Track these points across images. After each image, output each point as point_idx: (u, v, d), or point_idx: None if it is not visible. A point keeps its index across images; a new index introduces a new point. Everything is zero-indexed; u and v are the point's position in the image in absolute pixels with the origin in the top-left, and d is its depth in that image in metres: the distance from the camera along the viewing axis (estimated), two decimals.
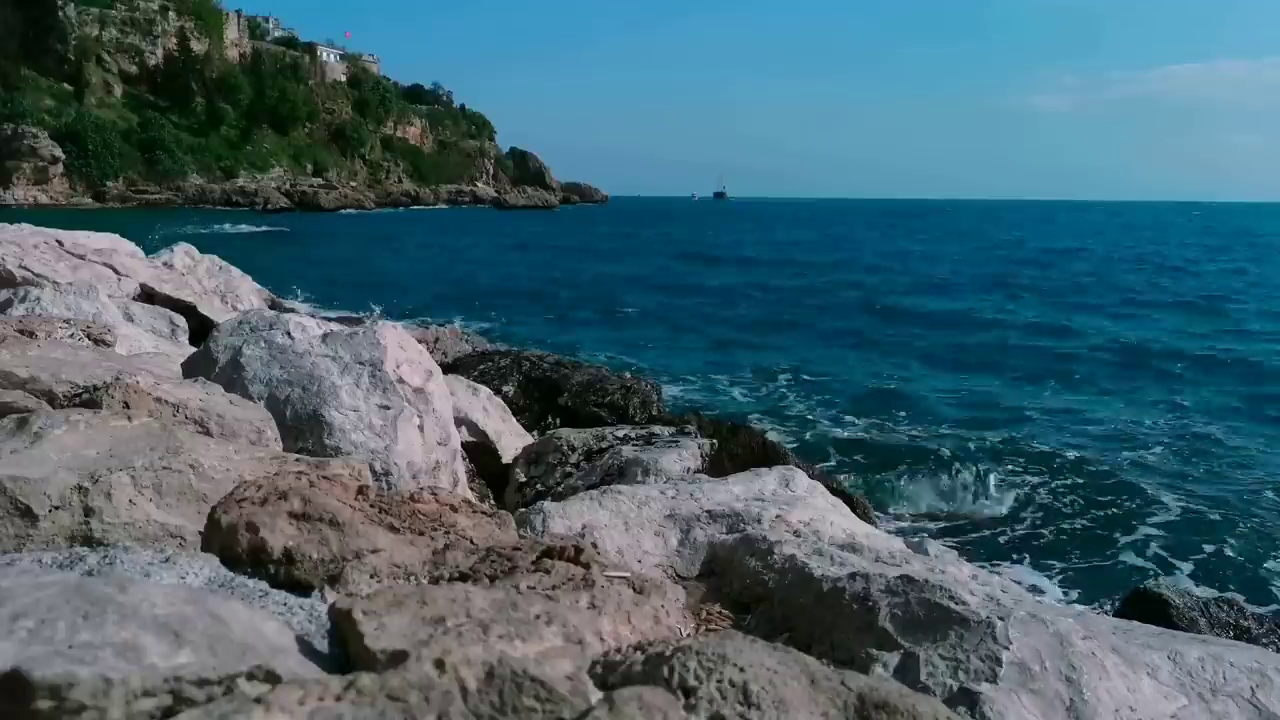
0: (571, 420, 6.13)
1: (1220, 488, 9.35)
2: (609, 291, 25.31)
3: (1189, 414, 12.56)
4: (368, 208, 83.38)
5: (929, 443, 10.65)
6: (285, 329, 3.34)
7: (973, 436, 10.95)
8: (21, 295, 4.56)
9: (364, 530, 1.57)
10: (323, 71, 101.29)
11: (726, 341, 17.91)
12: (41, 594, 0.95)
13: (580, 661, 1.11)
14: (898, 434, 11.12)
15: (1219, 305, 24.94)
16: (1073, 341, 18.59)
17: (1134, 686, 1.93)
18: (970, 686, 1.87)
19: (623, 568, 1.99)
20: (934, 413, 12.24)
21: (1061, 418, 12.17)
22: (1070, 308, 24.01)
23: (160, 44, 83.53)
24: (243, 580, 1.40)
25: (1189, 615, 4.23)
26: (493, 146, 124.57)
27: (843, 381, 14.26)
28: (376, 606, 1.10)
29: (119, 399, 2.25)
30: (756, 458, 4.71)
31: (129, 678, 0.84)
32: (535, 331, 17.81)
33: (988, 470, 9.59)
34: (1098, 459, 10.18)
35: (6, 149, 66.62)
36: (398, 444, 3.10)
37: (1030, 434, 11.17)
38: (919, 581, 2.10)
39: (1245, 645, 2.50)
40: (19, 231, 6.27)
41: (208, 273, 8.16)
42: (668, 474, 4.04)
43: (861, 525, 3.16)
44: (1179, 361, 16.43)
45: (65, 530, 1.64)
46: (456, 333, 10.77)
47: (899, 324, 21.01)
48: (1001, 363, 16.27)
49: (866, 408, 12.43)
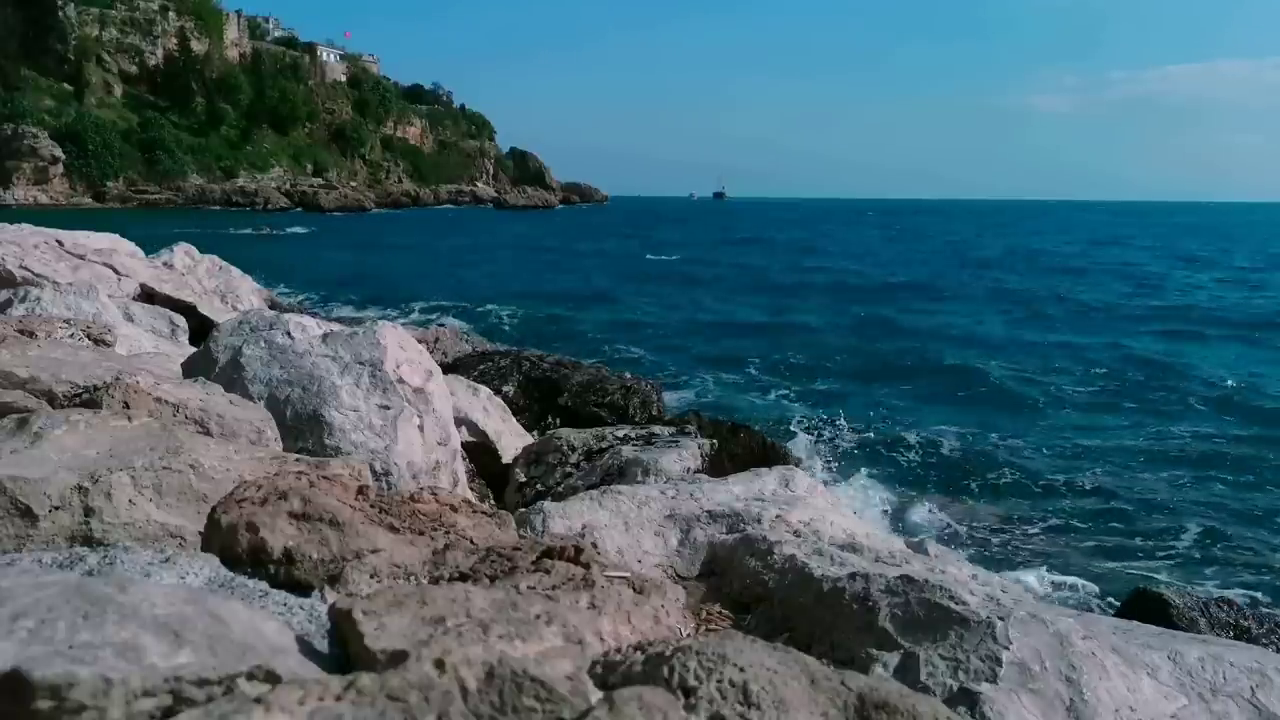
0: (571, 420, 6.14)
1: (1221, 488, 9.36)
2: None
3: (1189, 412, 12.58)
4: (368, 208, 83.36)
5: (929, 443, 10.65)
6: (285, 329, 3.34)
7: (972, 437, 10.96)
8: (21, 295, 4.56)
9: (364, 530, 1.57)
10: (323, 71, 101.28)
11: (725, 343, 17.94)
12: (41, 594, 0.95)
13: (580, 661, 1.11)
14: (897, 434, 11.12)
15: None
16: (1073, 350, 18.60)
17: (1134, 686, 1.93)
18: (970, 686, 1.87)
19: (623, 568, 1.99)
20: (933, 413, 12.24)
21: (1061, 417, 12.18)
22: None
23: (160, 44, 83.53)
24: (243, 580, 1.40)
25: (1189, 615, 4.22)
26: (493, 146, 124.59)
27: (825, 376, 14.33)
28: (376, 606, 1.10)
29: (119, 399, 2.25)
30: (756, 458, 4.71)
31: (129, 678, 0.84)
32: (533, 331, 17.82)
33: (987, 470, 9.60)
34: (1097, 458, 10.19)
35: (6, 149, 66.63)
36: (398, 444, 3.10)
37: (1030, 434, 11.18)
38: (919, 581, 2.10)
39: (1245, 645, 2.50)
40: (19, 231, 6.27)
41: (208, 273, 8.16)
42: (668, 474, 4.04)
43: (861, 525, 3.16)
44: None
45: (65, 530, 1.64)
46: (456, 333, 10.77)
47: (896, 323, 21.05)
48: (1002, 363, 16.28)
49: (860, 407, 12.44)
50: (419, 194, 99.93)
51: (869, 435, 10.97)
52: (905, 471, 9.58)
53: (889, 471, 9.50)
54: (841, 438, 10.80)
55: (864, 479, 8.90)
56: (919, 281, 30.96)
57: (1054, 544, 7.72)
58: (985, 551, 7.43)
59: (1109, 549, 7.68)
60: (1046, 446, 10.65)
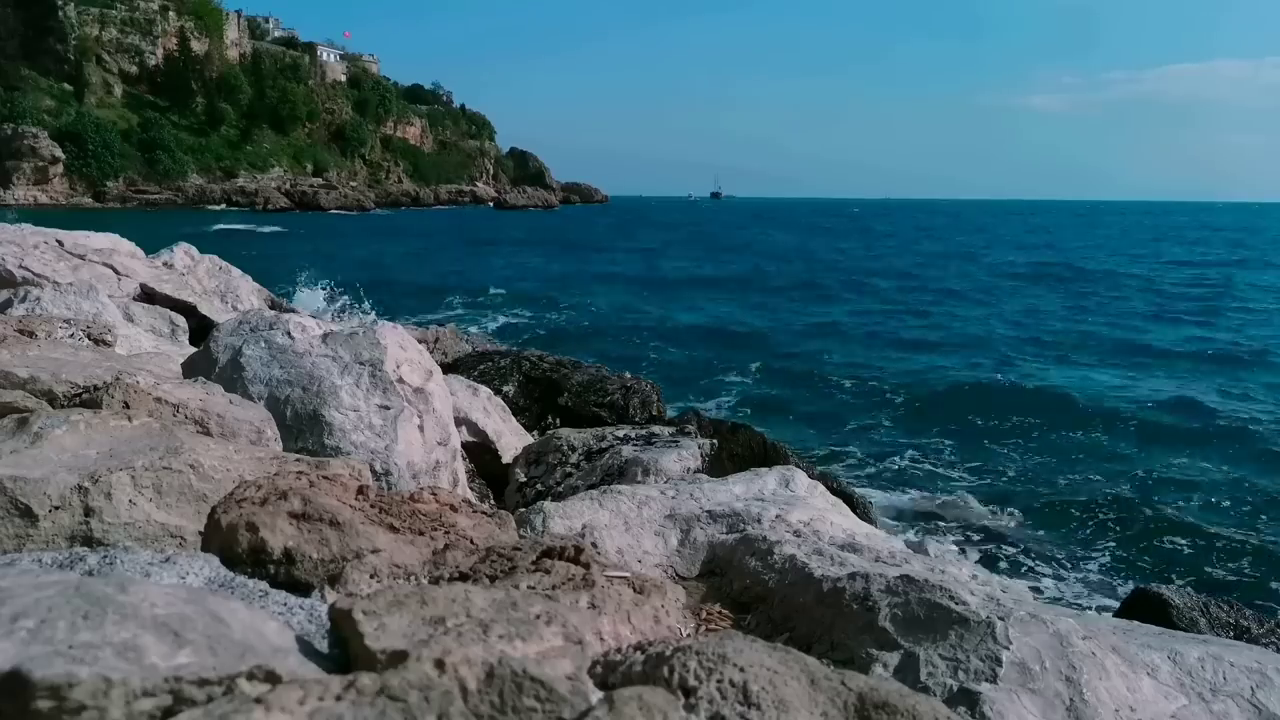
0: (571, 420, 6.14)
1: (1219, 486, 9.36)
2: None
3: (1189, 410, 12.58)
4: (368, 208, 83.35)
5: (929, 442, 10.65)
6: (285, 329, 3.34)
7: (970, 436, 10.95)
8: (21, 295, 4.56)
9: (364, 530, 1.57)
10: (323, 71, 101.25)
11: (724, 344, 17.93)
12: (41, 594, 0.95)
13: (580, 661, 1.11)
14: (896, 433, 11.12)
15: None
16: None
17: (1134, 686, 1.93)
18: (970, 686, 1.87)
19: (623, 568, 1.99)
20: (931, 412, 12.24)
21: (1059, 418, 12.18)
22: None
23: (160, 44, 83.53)
24: (243, 580, 1.40)
25: (1189, 615, 4.22)
26: (493, 146, 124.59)
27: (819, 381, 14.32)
28: (376, 606, 1.10)
29: (119, 399, 2.25)
30: (756, 458, 4.71)
31: (129, 678, 0.84)
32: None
33: (988, 471, 9.60)
34: (1098, 460, 10.19)
35: (6, 149, 66.62)
36: (398, 444, 3.10)
37: (1029, 434, 11.17)
38: (919, 581, 2.10)
39: (1245, 645, 2.50)
40: (19, 231, 6.28)
41: (208, 273, 8.16)
42: (668, 474, 4.04)
43: (861, 525, 3.16)
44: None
45: (65, 530, 1.64)
46: (456, 333, 10.77)
47: (896, 319, 21.05)
48: (1001, 362, 16.27)
49: (859, 407, 12.44)
50: (419, 194, 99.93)
51: (869, 436, 10.98)
52: (905, 472, 9.58)
53: (889, 472, 9.50)
54: (840, 437, 10.81)
55: (863, 480, 8.91)
56: (906, 281, 31.22)
57: (1054, 544, 7.72)
58: (985, 551, 7.43)
59: (1109, 549, 7.68)
60: (1046, 447, 10.66)
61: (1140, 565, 7.35)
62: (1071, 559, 7.43)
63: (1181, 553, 7.61)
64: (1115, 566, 7.35)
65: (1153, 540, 7.82)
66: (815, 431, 11.20)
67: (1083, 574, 7.15)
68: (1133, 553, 7.60)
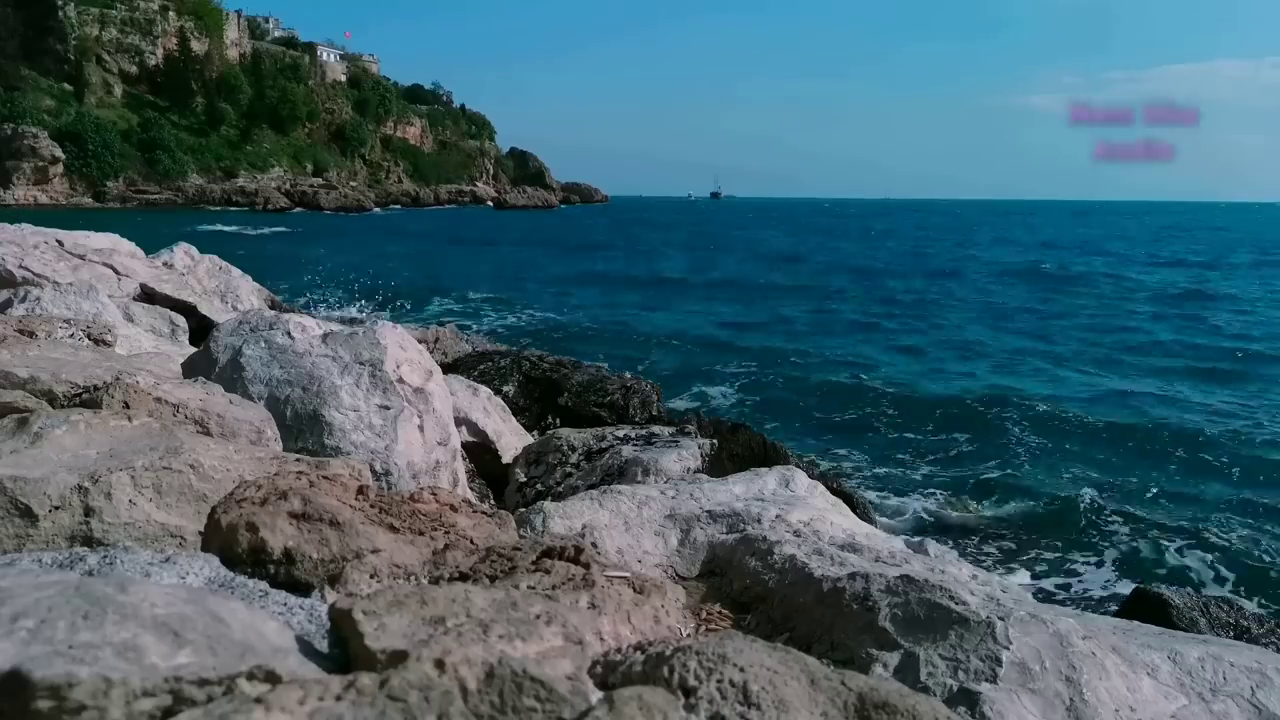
0: (571, 420, 6.14)
1: (1220, 487, 9.36)
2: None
3: (1188, 410, 12.57)
4: (367, 208, 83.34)
5: (929, 441, 10.65)
6: (285, 329, 3.34)
7: (970, 436, 10.95)
8: (21, 295, 4.56)
9: (364, 530, 1.57)
10: (323, 71, 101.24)
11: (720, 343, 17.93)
12: (41, 594, 0.95)
13: (580, 661, 1.11)
14: (896, 433, 11.12)
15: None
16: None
17: (1134, 686, 1.93)
18: (970, 686, 1.87)
19: (623, 568, 1.99)
20: (931, 413, 12.23)
21: (1059, 418, 12.17)
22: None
23: (160, 44, 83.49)
24: (243, 580, 1.40)
25: (1189, 615, 4.23)
26: (493, 146, 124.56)
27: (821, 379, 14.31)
28: (376, 606, 1.10)
29: (119, 399, 2.25)
30: (756, 458, 4.71)
31: (129, 678, 0.84)
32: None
33: (988, 470, 9.59)
34: (1098, 460, 10.19)
35: (6, 149, 66.59)
36: (398, 444, 3.10)
37: (1029, 435, 11.17)
38: (919, 581, 2.10)
39: (1245, 645, 2.50)
40: (19, 231, 6.28)
41: (208, 273, 8.16)
42: (668, 474, 4.04)
43: (861, 525, 3.15)
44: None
45: (65, 530, 1.64)
46: (456, 333, 10.77)
47: (894, 319, 21.06)
48: (1000, 363, 16.28)
49: (859, 406, 12.43)
50: (419, 194, 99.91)
51: (869, 436, 10.98)
52: (905, 472, 9.58)
53: (889, 472, 9.50)
54: (839, 437, 10.81)
55: (863, 481, 8.91)
56: (914, 285, 31.20)
57: (1054, 544, 7.72)
58: (985, 551, 7.43)
59: (1109, 550, 7.68)
60: (1046, 447, 10.65)
61: (1140, 565, 7.35)
62: (1071, 559, 7.43)
63: (1181, 553, 7.61)
64: (1115, 566, 7.35)
65: (1153, 540, 7.82)
66: (815, 432, 11.20)
67: (1082, 574, 7.15)
68: (1132, 553, 7.59)
